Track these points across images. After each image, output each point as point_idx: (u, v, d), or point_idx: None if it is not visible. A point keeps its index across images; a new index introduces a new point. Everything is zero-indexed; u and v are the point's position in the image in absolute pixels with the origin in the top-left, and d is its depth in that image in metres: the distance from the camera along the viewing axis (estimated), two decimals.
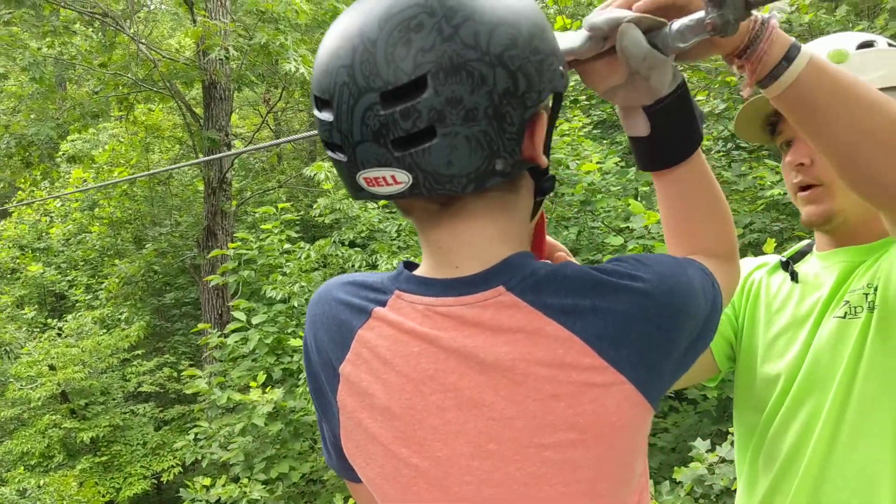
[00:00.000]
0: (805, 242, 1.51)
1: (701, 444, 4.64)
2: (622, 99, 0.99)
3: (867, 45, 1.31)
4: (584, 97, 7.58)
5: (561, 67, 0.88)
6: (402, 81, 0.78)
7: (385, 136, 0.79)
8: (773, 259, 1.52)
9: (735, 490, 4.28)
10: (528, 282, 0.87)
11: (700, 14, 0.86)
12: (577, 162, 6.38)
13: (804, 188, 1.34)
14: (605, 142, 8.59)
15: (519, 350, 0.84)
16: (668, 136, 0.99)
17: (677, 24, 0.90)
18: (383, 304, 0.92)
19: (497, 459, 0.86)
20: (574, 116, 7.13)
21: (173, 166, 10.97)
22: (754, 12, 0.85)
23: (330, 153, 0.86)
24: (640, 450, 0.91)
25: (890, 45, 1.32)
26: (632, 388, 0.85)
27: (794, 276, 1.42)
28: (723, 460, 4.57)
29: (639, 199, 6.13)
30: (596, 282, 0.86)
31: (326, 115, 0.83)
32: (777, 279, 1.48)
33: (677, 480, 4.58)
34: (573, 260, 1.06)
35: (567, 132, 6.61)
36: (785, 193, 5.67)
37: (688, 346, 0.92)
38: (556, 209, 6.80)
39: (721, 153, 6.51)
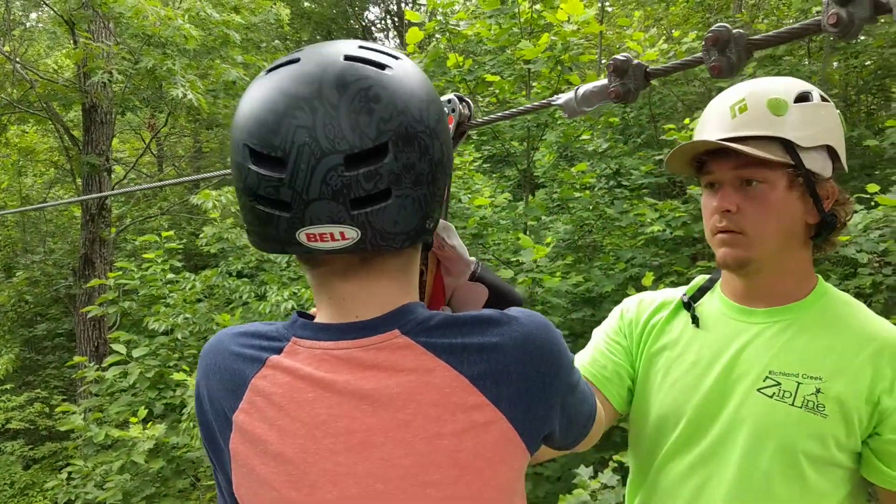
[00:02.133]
0: (705, 278, 1.53)
1: (584, 471, 4.77)
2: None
3: (804, 97, 1.32)
4: (473, 132, 7.77)
5: None
6: (367, 147, 0.85)
7: (345, 195, 0.85)
8: (674, 296, 1.53)
9: None
10: (423, 326, 0.93)
11: (603, 82, 0.95)
12: (469, 196, 6.51)
13: (724, 231, 1.35)
14: (494, 175, 8.82)
15: (410, 391, 0.90)
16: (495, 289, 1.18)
17: (582, 89, 0.98)
18: (279, 351, 0.95)
19: (384, 499, 0.90)
20: (465, 151, 7.29)
21: (60, 202, 10.47)
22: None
23: (262, 207, 0.89)
24: (517, 490, 0.97)
25: (823, 98, 1.34)
26: (509, 427, 0.92)
27: (696, 321, 1.45)
28: (605, 486, 4.72)
29: (527, 233, 6.30)
30: (484, 323, 0.94)
31: (273, 172, 0.86)
32: (679, 323, 1.48)
33: None
34: None
35: (459, 166, 6.75)
36: (663, 230, 5.98)
37: (562, 402, 1.00)
38: None
39: (605, 190, 6.79)
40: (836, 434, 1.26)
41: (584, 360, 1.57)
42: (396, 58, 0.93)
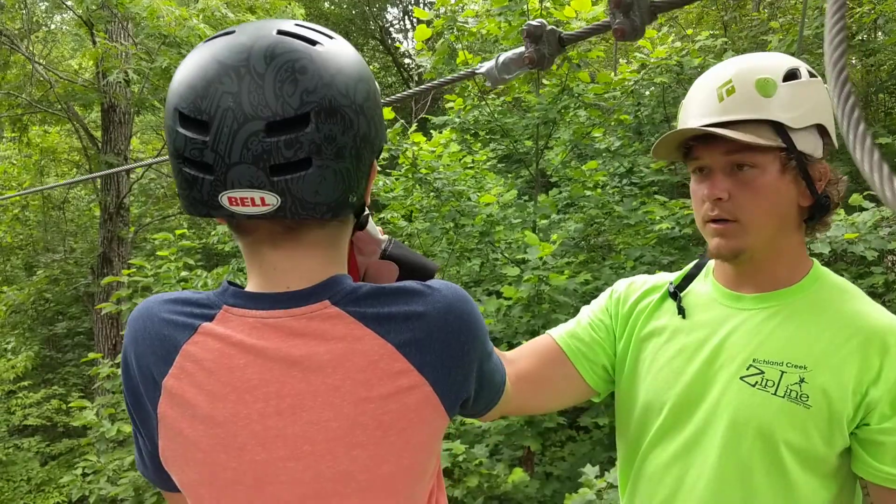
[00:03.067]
0: (692, 264, 1.51)
1: (590, 470, 4.74)
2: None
3: (792, 75, 1.28)
4: (484, 132, 7.76)
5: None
6: (289, 115, 0.88)
7: (265, 161, 0.88)
8: (663, 281, 1.51)
9: None
10: (351, 296, 0.97)
11: (521, 49, 0.94)
12: (479, 194, 6.51)
13: (716, 220, 1.31)
14: (509, 175, 8.80)
15: (339, 358, 0.94)
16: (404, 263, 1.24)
17: (503, 57, 0.98)
18: (210, 318, 0.98)
19: (310, 459, 0.95)
20: (478, 150, 7.28)
21: (67, 181, 10.61)
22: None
23: (188, 170, 0.92)
24: (434, 451, 1.03)
25: (811, 74, 1.30)
26: (431, 391, 0.97)
27: (682, 312, 1.42)
28: (611, 486, 4.69)
29: (537, 231, 6.28)
30: (408, 294, 0.99)
31: (198, 135, 0.89)
32: (668, 308, 1.46)
33: None
34: None
35: (471, 165, 6.74)
36: (672, 228, 5.93)
37: (479, 369, 1.06)
38: (458, 241, 6.90)
39: (615, 188, 6.76)
40: (819, 426, 1.23)
41: (561, 331, 1.54)
42: (331, 38, 0.97)
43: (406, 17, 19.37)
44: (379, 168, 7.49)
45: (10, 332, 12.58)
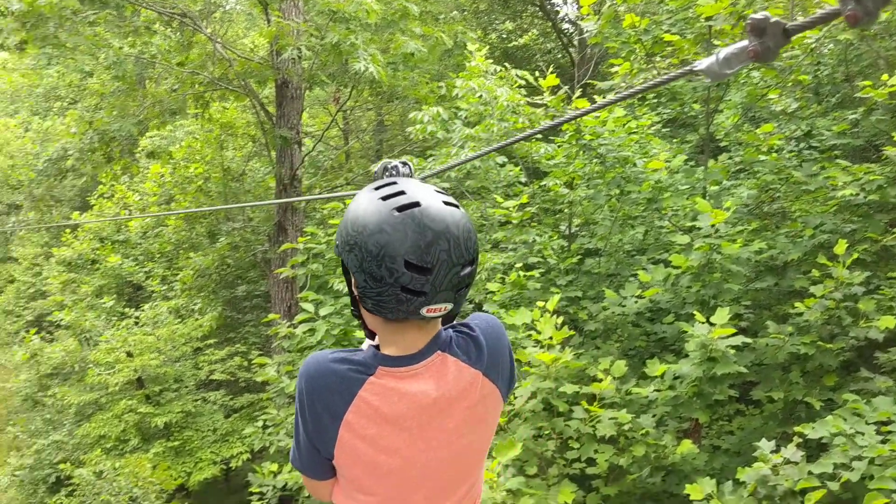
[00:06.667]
0: None
1: (765, 445, 4.59)
2: None
3: None
4: (652, 95, 7.54)
5: None
6: (472, 258, 1.52)
7: (457, 286, 1.51)
8: None
9: (800, 491, 4.21)
10: (448, 344, 1.62)
11: (743, 43, 0.93)
12: (645, 160, 6.36)
13: None
14: (674, 141, 8.52)
15: (455, 389, 1.61)
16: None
17: (723, 52, 0.97)
18: (372, 373, 1.58)
19: (450, 459, 1.66)
20: (643, 114, 7.09)
21: (240, 204, 11.23)
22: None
23: (406, 295, 1.47)
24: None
25: None
26: (500, 395, 1.70)
27: None
28: (788, 461, 4.52)
29: (707, 198, 6.07)
30: (480, 335, 1.67)
31: (423, 276, 1.45)
32: None
33: (740, 480, 4.54)
34: None
35: (635, 130, 6.58)
36: (856, 194, 5.55)
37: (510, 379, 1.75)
38: (622, 208, 6.79)
39: (793, 153, 6.40)
40: None
41: None
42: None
43: None
44: (541, 136, 7.47)
45: (196, 295, 13.59)
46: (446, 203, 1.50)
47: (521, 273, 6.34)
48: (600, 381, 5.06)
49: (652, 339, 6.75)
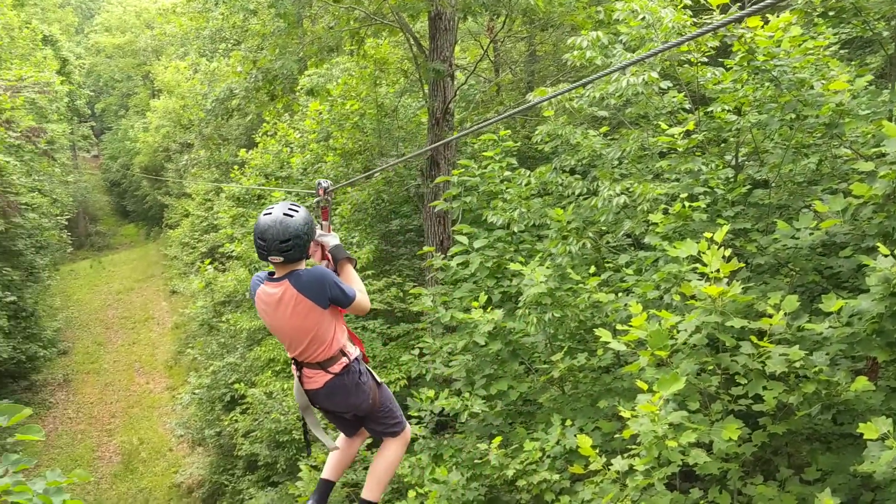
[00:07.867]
0: None
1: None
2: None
3: None
4: (832, 11, 6.92)
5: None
6: (288, 238, 3.72)
7: (281, 248, 3.71)
8: None
9: None
10: (294, 276, 3.77)
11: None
12: (823, 82, 5.88)
13: None
14: (852, 63, 7.84)
15: (286, 296, 3.75)
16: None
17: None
18: (263, 283, 3.86)
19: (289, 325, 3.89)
20: (820, 34, 6.53)
21: (382, 167, 11.29)
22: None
23: (260, 251, 3.78)
24: (330, 319, 3.86)
25: None
26: (311, 303, 3.81)
27: None
28: None
29: (893, 121, 5.56)
30: (303, 274, 3.77)
31: (263, 242, 3.70)
32: None
33: None
34: None
35: (811, 50, 6.07)
36: None
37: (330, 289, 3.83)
38: (795, 135, 6.35)
39: None
40: None
41: None
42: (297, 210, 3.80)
43: None
44: (706, 58, 7.05)
45: (354, 228, 14.08)
46: (267, 213, 3.68)
47: (687, 203, 6.10)
48: (770, 316, 4.83)
49: (826, 275, 6.36)
